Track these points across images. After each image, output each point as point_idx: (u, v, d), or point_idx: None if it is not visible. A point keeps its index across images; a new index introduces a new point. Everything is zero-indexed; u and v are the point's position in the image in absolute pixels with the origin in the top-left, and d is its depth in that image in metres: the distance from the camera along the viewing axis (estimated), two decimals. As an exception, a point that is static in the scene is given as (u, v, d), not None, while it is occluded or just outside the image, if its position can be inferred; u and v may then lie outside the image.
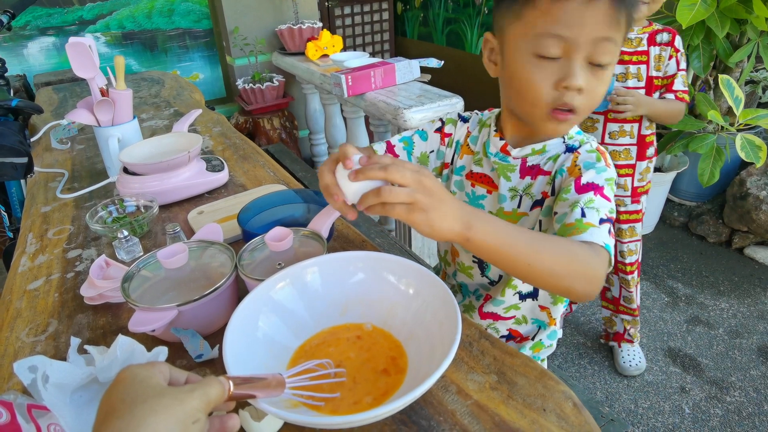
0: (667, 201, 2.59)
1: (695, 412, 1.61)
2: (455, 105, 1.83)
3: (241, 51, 3.00)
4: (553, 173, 0.74)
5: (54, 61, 2.86)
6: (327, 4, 3.56)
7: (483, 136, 0.83)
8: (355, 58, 2.34)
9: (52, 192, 1.26)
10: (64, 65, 2.85)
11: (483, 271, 0.87)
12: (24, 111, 1.58)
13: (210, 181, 1.18)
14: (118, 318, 0.80)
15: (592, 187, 0.66)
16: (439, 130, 0.87)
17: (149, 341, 0.73)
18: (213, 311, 0.73)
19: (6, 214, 1.87)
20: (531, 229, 0.78)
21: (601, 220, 0.63)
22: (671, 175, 2.43)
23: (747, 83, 2.36)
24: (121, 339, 0.57)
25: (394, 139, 0.86)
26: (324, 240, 0.80)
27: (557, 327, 0.92)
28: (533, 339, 0.92)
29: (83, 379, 0.55)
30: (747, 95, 2.33)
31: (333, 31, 3.63)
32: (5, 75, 2.01)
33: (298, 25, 2.87)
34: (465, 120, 0.87)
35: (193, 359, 0.69)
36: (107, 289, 0.80)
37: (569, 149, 0.74)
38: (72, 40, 1.14)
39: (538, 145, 0.75)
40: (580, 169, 0.69)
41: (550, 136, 0.74)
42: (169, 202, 1.14)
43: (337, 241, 0.96)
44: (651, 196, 1.92)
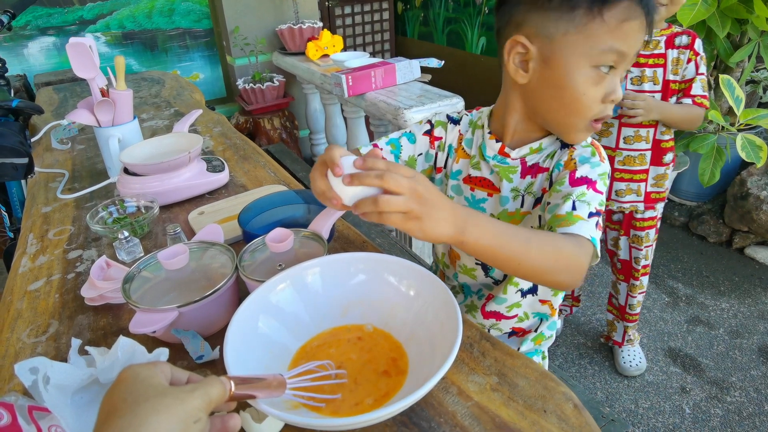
0: (668, 201, 2.59)
1: (696, 412, 1.61)
2: (456, 105, 1.83)
3: (241, 51, 3.00)
4: (551, 169, 0.76)
5: (54, 61, 2.86)
6: (327, 3, 3.56)
7: (477, 139, 0.82)
8: (356, 58, 2.35)
9: (53, 192, 1.26)
10: (64, 65, 2.85)
11: (487, 272, 0.87)
12: (24, 111, 1.58)
13: (210, 181, 1.18)
14: (118, 319, 0.80)
15: (586, 180, 0.69)
16: (428, 132, 0.85)
17: (150, 342, 0.73)
18: (214, 312, 0.73)
19: (6, 214, 1.87)
20: (532, 226, 0.78)
21: (591, 214, 0.66)
22: (672, 174, 2.43)
23: (747, 83, 2.36)
24: (122, 340, 0.57)
25: (381, 142, 0.84)
26: (324, 241, 0.80)
27: (556, 317, 0.94)
28: (536, 331, 0.92)
29: (84, 381, 0.55)
30: (747, 95, 2.33)
31: (333, 31, 3.63)
32: (5, 75, 2.01)
33: (299, 25, 2.87)
34: (455, 121, 0.85)
35: (193, 360, 0.69)
36: (108, 290, 0.80)
37: (564, 145, 0.76)
38: (72, 40, 1.13)
39: (534, 144, 0.77)
40: (575, 163, 0.72)
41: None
42: (169, 202, 1.14)
43: (338, 241, 0.96)
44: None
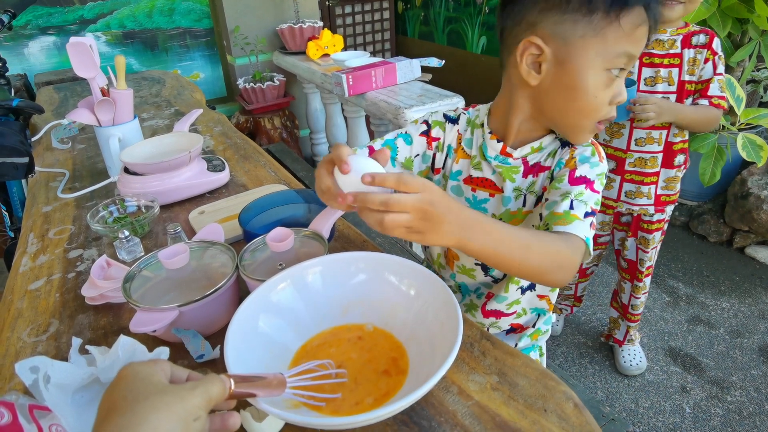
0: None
1: (696, 411, 1.61)
2: (456, 104, 1.83)
3: (241, 50, 3.00)
4: (552, 167, 0.76)
5: (55, 61, 2.86)
6: (328, 3, 3.56)
7: (477, 139, 0.82)
8: (356, 58, 2.34)
9: (53, 192, 1.26)
10: (64, 64, 2.85)
11: (486, 271, 0.87)
12: (25, 111, 1.58)
13: (211, 180, 1.18)
14: (119, 318, 0.80)
15: (584, 180, 0.71)
16: (425, 133, 0.84)
17: (150, 341, 0.73)
18: (214, 312, 0.73)
19: (7, 213, 1.87)
20: (534, 225, 0.78)
21: (586, 214, 0.68)
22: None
23: (748, 82, 2.36)
24: (123, 339, 0.57)
25: (376, 144, 0.83)
26: (325, 240, 0.80)
27: (552, 312, 0.95)
28: (533, 327, 0.93)
29: (85, 380, 0.55)
30: (748, 94, 2.33)
31: (334, 31, 3.63)
32: (6, 74, 2.01)
33: (299, 25, 2.87)
34: (453, 120, 0.84)
35: (194, 359, 0.69)
36: (108, 290, 0.80)
37: (564, 143, 0.77)
38: (73, 39, 1.13)
39: (535, 144, 0.77)
40: (576, 162, 0.73)
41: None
42: (170, 202, 1.14)
43: (338, 241, 0.96)
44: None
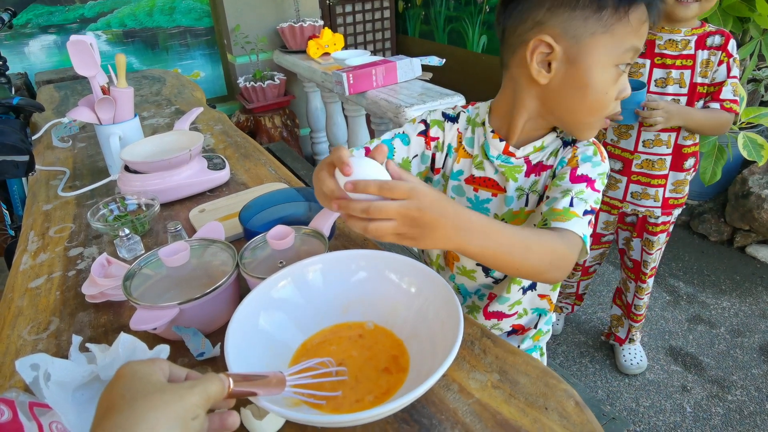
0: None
1: (696, 410, 1.61)
2: (457, 103, 1.83)
3: (242, 49, 3.00)
4: (554, 166, 0.76)
5: (55, 59, 2.86)
6: (328, 2, 3.55)
7: (479, 138, 0.81)
8: (357, 57, 2.34)
9: (54, 190, 1.26)
10: (65, 63, 2.85)
11: (488, 272, 0.86)
12: (25, 109, 1.58)
13: (211, 179, 1.18)
14: (119, 316, 0.80)
15: (585, 179, 0.71)
16: (423, 133, 0.83)
17: (151, 339, 0.73)
18: (214, 309, 0.73)
19: (7, 212, 1.87)
20: (535, 224, 0.78)
21: (586, 212, 0.68)
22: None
23: (749, 81, 2.35)
24: (123, 337, 0.57)
25: (372, 144, 0.82)
26: (325, 238, 0.80)
27: (553, 312, 0.94)
28: (535, 328, 0.92)
29: (85, 377, 0.55)
30: (749, 94, 2.33)
31: (334, 29, 3.63)
32: (6, 73, 2.01)
33: (300, 23, 2.87)
34: (452, 119, 0.83)
35: (194, 357, 0.69)
36: (109, 287, 0.80)
37: (566, 143, 0.77)
38: (73, 38, 1.13)
39: (537, 143, 0.77)
40: (577, 161, 0.73)
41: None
42: (170, 200, 1.14)
43: (339, 239, 0.96)
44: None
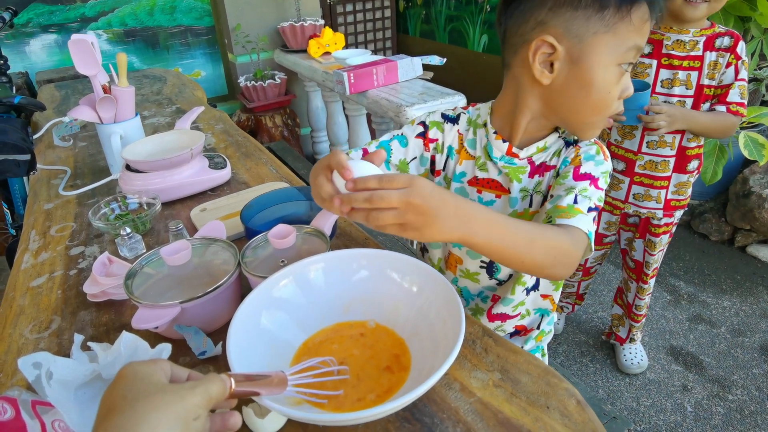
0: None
1: (697, 410, 1.61)
2: (458, 102, 1.83)
3: (243, 48, 3.00)
4: (558, 166, 0.76)
5: (56, 59, 2.86)
6: (329, 1, 3.55)
7: (481, 139, 0.80)
8: (358, 56, 2.34)
9: (55, 189, 1.26)
10: (66, 62, 2.85)
11: (491, 274, 0.86)
12: (26, 108, 1.58)
13: (212, 178, 1.18)
14: (121, 315, 0.80)
15: (589, 177, 0.71)
16: (421, 135, 0.82)
17: (152, 338, 0.73)
18: (216, 308, 0.73)
19: (8, 211, 1.87)
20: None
21: (590, 209, 0.68)
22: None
23: (750, 81, 2.35)
24: (125, 336, 0.57)
25: (371, 146, 0.82)
26: (327, 237, 0.80)
27: (555, 312, 0.94)
28: (538, 328, 0.92)
29: (87, 376, 0.55)
30: (750, 93, 2.33)
31: (335, 29, 3.62)
32: (7, 72, 2.01)
33: (300, 23, 2.87)
34: (452, 120, 0.83)
35: (196, 356, 0.69)
36: (110, 286, 0.80)
37: (568, 143, 0.77)
38: (75, 37, 1.13)
39: (540, 143, 0.77)
40: (580, 160, 0.73)
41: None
42: (171, 199, 1.14)
43: (340, 238, 0.96)
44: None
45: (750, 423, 1.56)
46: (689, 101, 1.33)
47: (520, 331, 0.92)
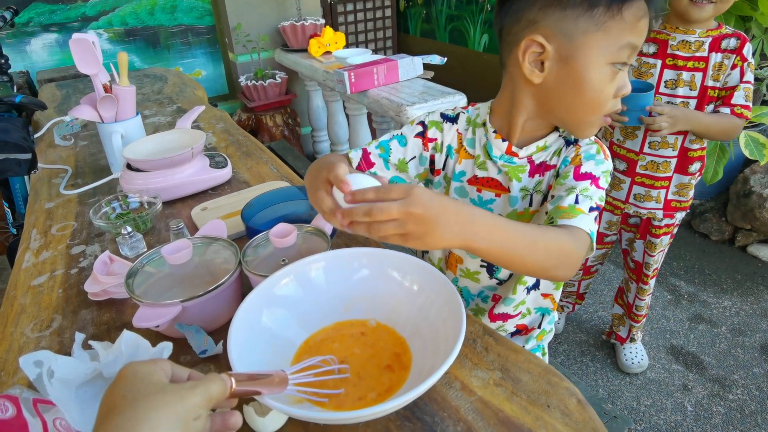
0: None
1: (698, 409, 1.61)
2: (458, 102, 1.83)
3: (243, 48, 3.00)
4: (558, 166, 0.76)
5: (57, 58, 2.86)
6: (329, 0, 3.55)
7: (480, 138, 0.80)
8: (358, 55, 2.34)
9: (56, 188, 1.26)
10: (66, 62, 2.85)
11: (491, 273, 0.86)
12: (27, 107, 1.58)
13: (213, 177, 1.18)
14: (122, 314, 0.81)
15: (589, 176, 0.71)
16: (420, 134, 0.82)
17: (153, 337, 0.73)
18: (217, 307, 0.73)
19: (9, 210, 1.87)
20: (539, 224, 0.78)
21: (591, 208, 0.68)
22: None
23: (751, 80, 2.35)
24: (126, 334, 0.57)
25: (370, 146, 0.82)
26: (328, 236, 0.80)
27: (556, 311, 0.94)
28: (539, 327, 0.92)
29: (88, 375, 0.55)
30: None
31: (336, 28, 3.62)
32: (8, 71, 2.02)
33: (301, 22, 2.87)
34: (451, 120, 0.82)
35: (197, 355, 0.69)
36: (111, 285, 0.80)
37: (568, 142, 0.76)
38: (76, 36, 1.13)
39: (540, 142, 0.76)
40: (581, 159, 0.73)
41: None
42: (172, 198, 1.14)
43: (341, 237, 0.96)
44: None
45: (750, 422, 1.56)
46: (693, 102, 1.32)
47: (521, 331, 0.92)
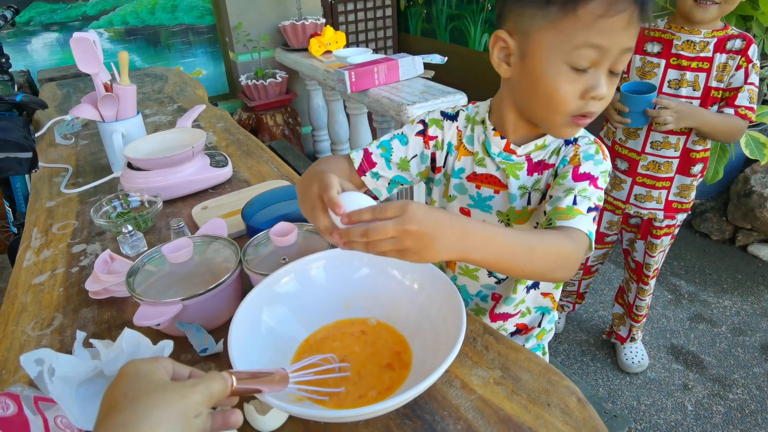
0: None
1: (698, 409, 1.61)
2: (459, 101, 1.83)
3: (244, 47, 3.00)
4: (556, 165, 0.76)
5: (57, 57, 2.86)
6: (330, 0, 3.55)
7: (479, 135, 0.81)
8: (358, 54, 2.34)
9: (57, 187, 1.27)
10: (67, 61, 2.85)
11: (491, 272, 0.86)
12: (28, 106, 1.58)
13: (214, 176, 1.18)
14: (122, 312, 0.81)
15: (588, 177, 0.71)
16: (421, 133, 0.82)
17: (154, 335, 0.73)
18: (217, 306, 0.73)
19: (10, 209, 1.87)
20: (538, 222, 0.78)
21: (590, 209, 0.68)
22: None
23: (752, 80, 2.35)
24: (127, 332, 0.57)
25: (372, 146, 0.82)
26: (328, 235, 0.80)
27: (556, 310, 0.94)
28: (539, 326, 0.92)
29: (89, 373, 0.55)
30: (752, 92, 2.32)
31: (336, 27, 3.62)
32: (9, 70, 2.02)
33: (301, 21, 2.87)
34: (451, 117, 0.83)
35: (197, 353, 0.70)
36: (112, 284, 0.81)
37: (567, 142, 0.77)
38: (76, 35, 1.14)
39: (539, 141, 0.77)
40: (579, 159, 0.73)
41: (557, 138, 0.75)
42: (173, 197, 1.15)
43: (341, 236, 0.96)
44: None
45: (750, 422, 1.56)
46: (696, 103, 1.31)
47: (521, 330, 0.92)
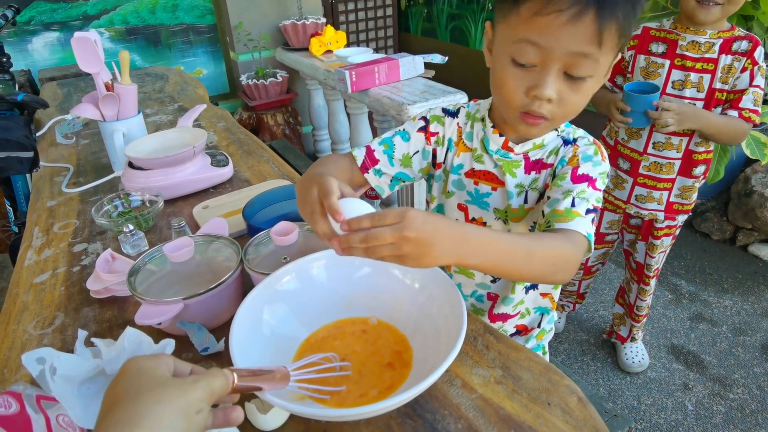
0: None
1: (698, 409, 1.62)
2: (459, 101, 1.83)
3: (244, 46, 3.00)
4: (555, 165, 0.76)
5: (58, 57, 2.87)
6: (331, -1, 3.55)
7: (478, 132, 0.81)
8: (359, 54, 2.34)
9: (58, 186, 1.27)
10: (68, 60, 2.86)
11: None
12: (29, 105, 1.58)
13: (215, 175, 1.18)
14: (124, 311, 0.81)
15: (587, 178, 0.71)
16: (423, 129, 0.83)
17: (155, 334, 0.74)
18: (218, 305, 0.73)
19: (11, 208, 1.87)
20: (535, 221, 0.78)
21: (588, 210, 0.68)
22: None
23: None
24: (129, 331, 0.57)
25: (374, 143, 0.82)
26: (329, 234, 0.80)
27: (555, 311, 0.94)
28: (538, 327, 0.92)
29: (91, 372, 0.55)
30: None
31: (337, 27, 3.62)
32: (10, 70, 2.02)
33: (302, 21, 2.87)
34: (452, 114, 0.84)
35: (199, 352, 0.70)
36: (113, 283, 0.81)
37: (566, 142, 0.77)
38: (77, 34, 1.14)
39: (538, 140, 0.77)
40: (578, 160, 0.73)
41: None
42: (174, 196, 1.15)
43: (342, 236, 0.96)
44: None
45: (751, 422, 1.56)
46: (700, 104, 1.30)
47: (521, 331, 0.92)
